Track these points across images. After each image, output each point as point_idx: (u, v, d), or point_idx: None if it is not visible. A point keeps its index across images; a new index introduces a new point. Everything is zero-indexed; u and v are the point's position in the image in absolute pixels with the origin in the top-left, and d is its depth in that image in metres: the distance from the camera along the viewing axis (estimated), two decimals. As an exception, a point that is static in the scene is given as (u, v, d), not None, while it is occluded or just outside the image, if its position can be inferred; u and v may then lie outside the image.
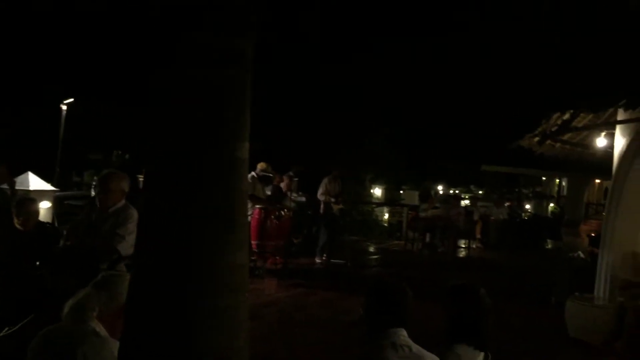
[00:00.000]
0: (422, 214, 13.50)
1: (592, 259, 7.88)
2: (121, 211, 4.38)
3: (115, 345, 2.45)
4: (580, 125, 7.63)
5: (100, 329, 2.50)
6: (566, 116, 6.86)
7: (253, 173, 9.15)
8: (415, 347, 2.54)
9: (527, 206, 21.74)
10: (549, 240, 15.40)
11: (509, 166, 18.69)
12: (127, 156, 22.52)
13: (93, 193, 7.32)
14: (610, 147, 7.74)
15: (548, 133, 7.63)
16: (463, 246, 14.53)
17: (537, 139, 8.06)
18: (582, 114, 7.08)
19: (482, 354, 3.26)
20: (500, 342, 3.31)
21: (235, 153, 1.60)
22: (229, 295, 1.59)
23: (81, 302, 2.52)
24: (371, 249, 13.68)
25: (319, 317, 7.00)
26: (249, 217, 8.68)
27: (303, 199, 11.09)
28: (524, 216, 18.43)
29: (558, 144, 8.84)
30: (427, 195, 14.40)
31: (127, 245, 4.10)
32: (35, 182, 9.00)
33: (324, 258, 10.72)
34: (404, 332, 2.55)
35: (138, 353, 1.66)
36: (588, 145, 8.84)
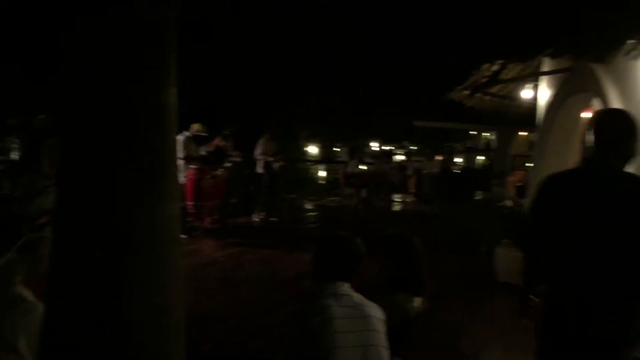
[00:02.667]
0: (349, 170, 13.70)
1: (519, 207, 8.23)
2: None
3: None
4: (508, 77, 7.84)
5: (28, 294, 2.41)
6: (495, 67, 7.02)
7: (187, 133, 8.95)
8: (357, 297, 2.57)
9: (458, 160, 22.36)
10: (478, 192, 15.93)
11: (440, 121, 19.09)
12: (46, 120, 21.45)
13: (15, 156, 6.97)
14: (536, 99, 8.03)
15: (478, 85, 7.80)
16: (398, 200, 14.85)
17: (467, 92, 8.24)
18: (510, 65, 7.28)
19: (418, 300, 3.38)
20: (434, 289, 3.41)
21: (162, 99, 1.51)
22: (161, 249, 1.53)
23: (5, 267, 2.42)
24: (308, 206, 13.77)
25: (258, 274, 7.03)
26: (184, 178, 8.53)
27: (239, 158, 10.96)
28: (455, 169, 18.96)
29: (487, 97, 9.08)
30: (354, 152, 14.60)
31: None
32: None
33: (261, 216, 10.72)
34: (347, 285, 2.58)
35: (64, 317, 1.58)
36: (515, 98, 9.12)
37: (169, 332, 1.61)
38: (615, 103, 5.06)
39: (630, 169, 2.58)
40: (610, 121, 2.64)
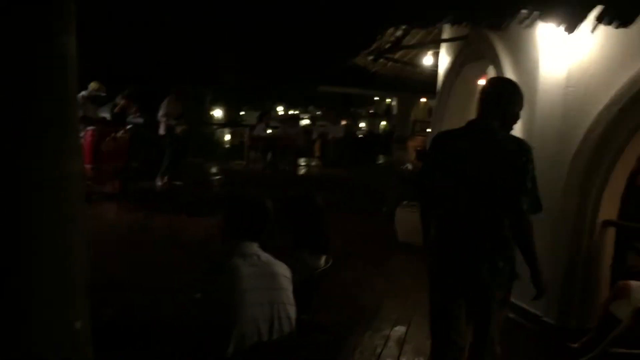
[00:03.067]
0: (256, 134, 13.69)
1: (417, 171, 8.57)
2: None
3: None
4: (411, 43, 8.07)
5: None
6: (399, 33, 7.20)
7: (83, 93, 8.53)
8: (264, 256, 2.62)
9: (362, 124, 22.84)
10: (380, 156, 16.40)
11: (344, 86, 19.36)
12: None
13: None
14: (436, 65, 8.34)
15: (382, 50, 7.98)
16: (303, 164, 15.01)
17: (371, 57, 8.41)
18: (413, 32, 7.49)
19: (323, 258, 3.50)
20: (337, 248, 3.56)
21: (56, 48, 1.43)
22: (66, 205, 1.48)
23: None
24: (213, 170, 13.62)
25: (162, 238, 6.93)
26: (81, 140, 8.15)
27: (141, 120, 10.54)
28: (359, 134, 19.37)
29: (390, 63, 9.31)
30: (263, 116, 14.59)
31: None
32: None
33: (165, 180, 10.46)
34: (255, 245, 2.62)
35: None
36: (417, 64, 9.42)
37: (74, 295, 1.58)
38: (509, 70, 5.37)
39: (515, 131, 2.99)
40: (494, 88, 3.04)
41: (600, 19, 3.42)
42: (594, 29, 3.53)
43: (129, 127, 9.76)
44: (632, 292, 4.05)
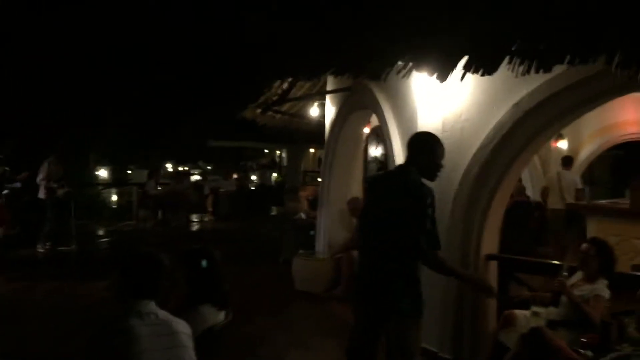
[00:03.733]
0: (152, 192, 13.35)
1: (312, 219, 8.73)
2: None
3: None
4: (297, 95, 8.32)
5: None
6: (285, 85, 7.41)
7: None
8: (162, 313, 2.54)
9: (253, 177, 22.89)
10: (273, 207, 16.50)
11: (234, 140, 19.42)
12: None
13: None
14: (323, 116, 8.63)
15: (270, 103, 8.15)
16: (195, 220, 14.75)
17: (259, 110, 8.56)
18: (299, 84, 7.74)
19: (222, 312, 3.44)
20: (235, 302, 3.52)
21: None
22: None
23: None
24: (101, 232, 13.02)
25: (48, 306, 6.52)
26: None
27: (18, 184, 9.97)
28: (251, 187, 19.39)
29: (278, 115, 9.52)
30: (152, 174, 14.27)
31: None
32: None
33: (47, 246, 9.84)
34: (152, 303, 2.54)
35: None
36: (304, 116, 9.70)
37: None
38: (390, 119, 5.68)
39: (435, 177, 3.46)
40: (417, 140, 3.53)
41: (467, 68, 3.74)
42: (463, 77, 3.84)
43: (5, 192, 9.17)
44: (517, 320, 4.33)
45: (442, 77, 3.90)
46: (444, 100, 4.86)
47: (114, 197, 18.78)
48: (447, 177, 4.83)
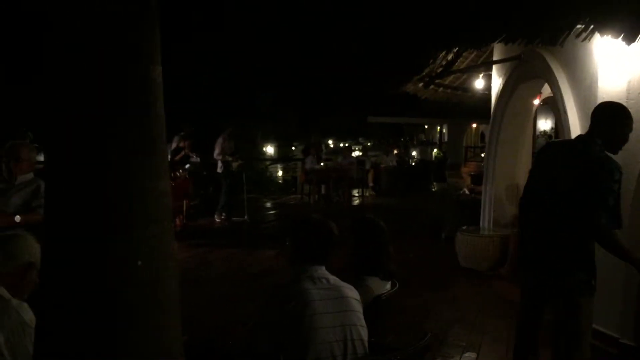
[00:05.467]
0: (309, 167, 13.78)
1: (475, 195, 8.48)
2: (30, 183, 4.21)
3: (20, 306, 2.35)
4: (462, 67, 8.04)
5: (2, 292, 2.38)
6: (450, 56, 7.18)
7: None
8: (333, 279, 2.62)
9: (414, 153, 22.72)
10: (434, 183, 16.25)
11: (394, 116, 19.38)
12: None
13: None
14: (487, 89, 8.26)
15: (433, 75, 7.97)
16: (357, 195, 14.99)
17: (421, 84, 8.41)
18: (464, 54, 7.46)
19: (389, 282, 3.47)
20: (399, 275, 3.52)
21: (147, 73, 1.52)
22: (153, 225, 1.54)
23: (-24, 267, 2.38)
24: (268, 205, 13.77)
25: (223, 272, 7.05)
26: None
27: (197, 159, 10.86)
28: (411, 162, 19.26)
29: (441, 89, 9.27)
30: (309, 149, 14.67)
31: None
32: None
33: (223, 217, 10.67)
34: (322, 268, 2.63)
35: (58, 310, 1.58)
36: (468, 88, 9.35)
37: (167, 303, 1.63)
38: (566, 87, 5.27)
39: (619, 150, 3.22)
40: (604, 110, 3.28)
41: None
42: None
43: (187, 166, 10.03)
44: None
45: (630, 38, 3.53)
46: (630, 65, 4.39)
47: (280, 172, 19.75)
48: (632, 149, 4.39)
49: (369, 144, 28.62)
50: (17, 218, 4.02)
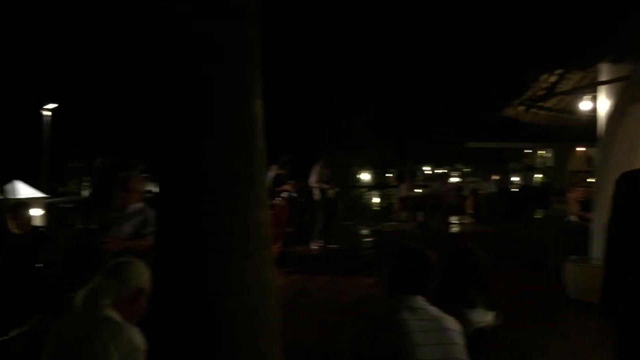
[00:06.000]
0: (402, 194, 13.58)
1: (584, 222, 8.01)
2: (140, 211, 4.49)
3: (132, 330, 2.45)
4: (566, 88, 7.69)
5: (115, 316, 2.50)
6: (553, 78, 6.90)
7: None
8: (433, 310, 2.54)
9: (514, 178, 21.90)
10: (538, 210, 15.57)
11: (494, 141, 18.82)
12: (105, 161, 22.24)
13: (86, 194, 7.28)
14: (594, 110, 7.83)
15: (535, 99, 7.68)
16: (455, 222, 14.62)
17: (523, 107, 8.13)
18: (568, 76, 7.13)
19: (491, 313, 3.32)
20: (503, 307, 3.35)
21: (247, 108, 1.57)
22: (256, 253, 1.57)
23: (93, 291, 2.51)
24: (365, 232, 13.70)
25: (320, 300, 7.06)
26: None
27: (295, 194, 11.06)
28: (512, 188, 18.56)
29: (543, 112, 8.91)
30: (403, 176, 14.45)
31: None
32: (24, 190, 8.92)
33: (319, 244, 10.73)
34: (421, 299, 2.55)
35: (168, 336, 1.64)
36: (572, 111, 8.92)
37: (270, 331, 1.65)
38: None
39: None
40: None
41: None
42: None
43: (284, 194, 10.20)
44: None
45: None
46: None
47: (376, 199, 19.62)
48: None
49: (466, 169, 27.92)
50: (129, 244, 4.26)
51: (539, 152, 24.04)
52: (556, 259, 7.62)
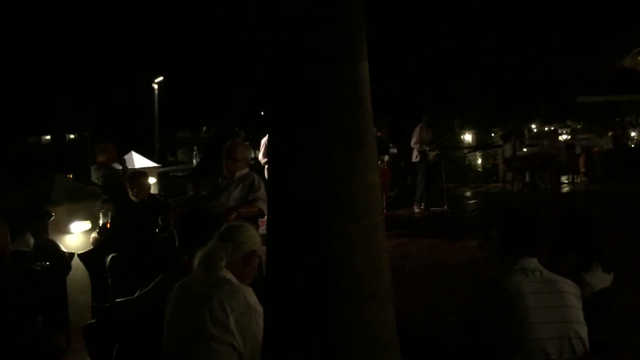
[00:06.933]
0: (506, 154, 13.01)
1: None
2: (246, 177, 4.74)
3: (246, 290, 2.57)
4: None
5: (230, 277, 2.62)
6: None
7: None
8: (547, 272, 2.46)
9: (633, 134, 20.39)
10: (659, 167, 14.47)
11: (609, 94, 17.64)
12: (212, 130, 23.14)
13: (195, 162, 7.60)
14: None
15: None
16: (566, 181, 13.92)
17: (642, 56, 7.52)
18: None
19: (610, 276, 3.17)
20: (621, 272, 3.18)
21: (355, 72, 1.57)
22: (366, 217, 1.58)
23: (210, 253, 2.65)
24: (468, 194, 13.43)
25: (424, 263, 7.04)
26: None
27: (395, 150, 10.98)
28: (630, 144, 17.30)
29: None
30: (508, 135, 13.80)
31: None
32: (139, 160, 9.48)
33: (422, 207, 10.64)
34: (535, 260, 2.48)
35: (281, 292, 1.70)
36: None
37: (383, 294, 1.67)
38: None
39: None
40: None
41: None
42: None
43: (386, 157, 10.14)
44: None
45: None
46: None
47: (479, 160, 19.10)
48: None
49: (578, 126, 26.38)
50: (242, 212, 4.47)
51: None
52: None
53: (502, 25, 11.24)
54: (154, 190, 9.04)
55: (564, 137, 21.29)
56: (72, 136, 27.80)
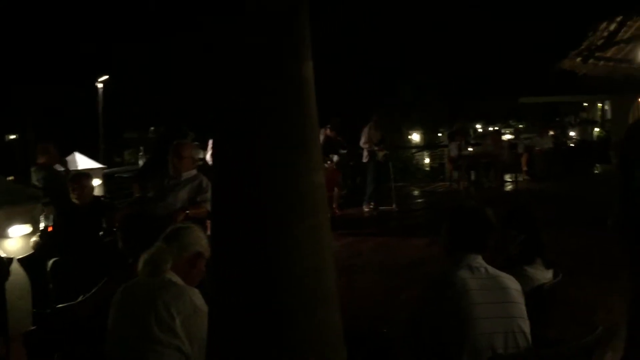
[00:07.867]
0: (453, 154, 13.37)
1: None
2: (194, 179, 4.64)
3: (192, 292, 2.53)
4: (626, 36, 7.32)
5: (176, 279, 2.58)
6: (613, 26, 6.58)
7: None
8: (491, 269, 2.52)
9: (572, 133, 21.19)
10: (596, 165, 15.07)
11: (549, 95, 18.22)
12: (158, 131, 22.76)
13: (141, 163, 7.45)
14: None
15: (593, 49, 7.36)
16: (509, 180, 14.33)
17: (579, 59, 7.80)
18: (628, 23, 6.78)
19: (551, 272, 3.27)
20: (562, 266, 3.29)
21: (297, 72, 1.56)
22: (309, 217, 1.57)
23: (155, 256, 2.60)
24: (416, 193, 13.64)
25: (374, 262, 7.09)
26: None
27: (345, 150, 11.03)
28: (570, 143, 17.97)
29: (601, 62, 8.54)
30: (454, 135, 14.17)
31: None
32: (83, 162, 9.21)
33: (371, 206, 10.73)
34: (480, 258, 2.53)
35: (225, 292, 1.68)
36: (633, 60, 8.51)
37: (328, 294, 1.67)
38: None
39: None
40: None
41: None
42: None
43: (335, 158, 10.18)
44: None
45: None
46: None
47: (427, 160, 19.43)
48: None
49: (520, 126, 27.20)
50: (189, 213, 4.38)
51: (598, 104, 23.18)
52: (617, 217, 7.35)
53: (447, 27, 11.45)
54: (99, 191, 8.80)
55: (507, 136, 21.89)
56: (12, 136, 26.87)
